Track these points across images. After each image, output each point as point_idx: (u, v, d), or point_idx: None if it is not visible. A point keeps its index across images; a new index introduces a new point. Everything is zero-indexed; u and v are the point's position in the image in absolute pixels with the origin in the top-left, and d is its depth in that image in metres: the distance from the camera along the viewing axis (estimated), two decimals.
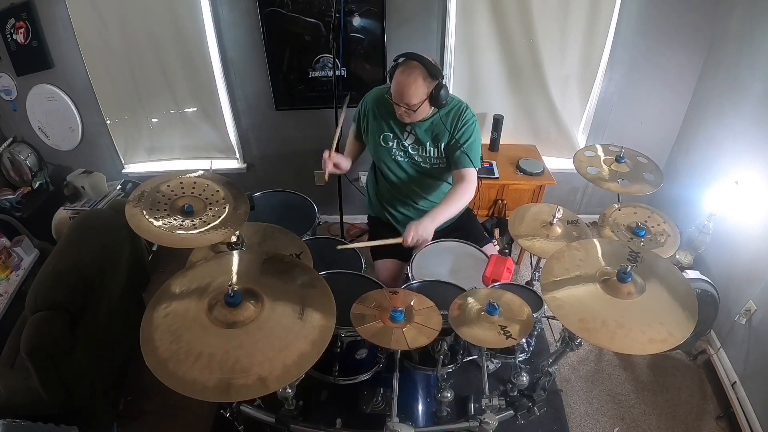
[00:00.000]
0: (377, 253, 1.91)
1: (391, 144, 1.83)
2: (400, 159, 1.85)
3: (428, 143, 1.79)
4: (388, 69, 1.70)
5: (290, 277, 1.21)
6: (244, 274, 1.20)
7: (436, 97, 1.64)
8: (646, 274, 1.20)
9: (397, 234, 1.76)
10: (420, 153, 1.82)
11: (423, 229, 1.58)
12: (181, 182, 1.37)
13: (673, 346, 1.07)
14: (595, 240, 1.36)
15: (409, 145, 1.82)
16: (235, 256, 1.26)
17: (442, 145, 1.78)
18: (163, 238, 1.23)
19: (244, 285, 1.12)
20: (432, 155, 1.81)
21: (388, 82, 1.71)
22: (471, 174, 1.75)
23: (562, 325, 1.24)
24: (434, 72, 1.61)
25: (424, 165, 1.84)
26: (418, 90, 1.61)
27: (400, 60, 1.64)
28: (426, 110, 1.71)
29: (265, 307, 1.09)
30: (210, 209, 1.32)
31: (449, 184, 1.88)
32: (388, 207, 1.98)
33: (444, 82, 1.64)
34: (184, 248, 1.27)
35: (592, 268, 1.24)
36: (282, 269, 1.24)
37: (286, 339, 1.04)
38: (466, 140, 1.74)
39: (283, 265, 1.26)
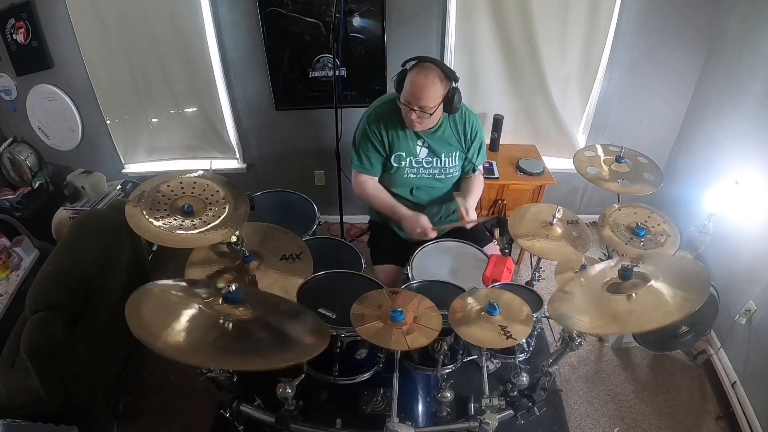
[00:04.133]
0: (377, 257, 1.89)
1: (403, 164, 1.77)
2: (412, 176, 1.80)
3: (443, 153, 1.76)
4: (389, 74, 1.67)
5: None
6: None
7: (450, 100, 1.60)
8: (649, 267, 1.18)
9: (398, 239, 1.74)
10: (435, 164, 1.78)
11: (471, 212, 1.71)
12: (181, 182, 1.37)
13: (691, 310, 1.01)
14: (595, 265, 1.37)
15: (423, 158, 1.77)
16: None
17: (457, 152, 1.77)
18: (163, 238, 1.22)
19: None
20: (447, 165, 1.78)
21: (393, 89, 1.66)
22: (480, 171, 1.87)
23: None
24: (450, 74, 1.58)
25: (439, 176, 1.80)
26: (436, 92, 1.56)
27: (411, 63, 1.59)
28: (438, 116, 1.68)
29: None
30: (210, 209, 1.32)
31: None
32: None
33: (457, 86, 1.61)
34: (184, 248, 1.27)
35: (596, 282, 1.23)
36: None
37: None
38: (479, 142, 1.80)
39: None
